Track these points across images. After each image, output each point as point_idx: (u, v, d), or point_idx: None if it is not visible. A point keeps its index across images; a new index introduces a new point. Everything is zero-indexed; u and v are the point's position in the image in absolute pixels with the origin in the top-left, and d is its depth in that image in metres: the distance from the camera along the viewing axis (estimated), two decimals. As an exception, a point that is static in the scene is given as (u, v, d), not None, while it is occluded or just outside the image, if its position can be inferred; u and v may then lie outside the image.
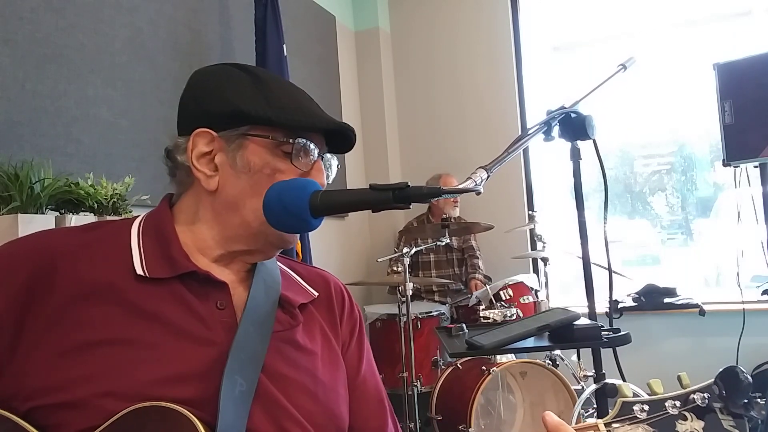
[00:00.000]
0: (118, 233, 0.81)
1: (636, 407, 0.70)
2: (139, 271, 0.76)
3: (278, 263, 0.91)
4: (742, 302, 2.97)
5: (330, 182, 0.88)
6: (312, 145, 0.81)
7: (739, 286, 2.91)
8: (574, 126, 1.14)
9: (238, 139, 0.79)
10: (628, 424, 0.69)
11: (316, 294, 0.91)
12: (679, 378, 0.72)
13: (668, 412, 0.69)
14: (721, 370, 0.70)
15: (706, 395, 0.69)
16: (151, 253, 0.78)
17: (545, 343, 1.23)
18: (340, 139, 0.86)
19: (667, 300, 3.57)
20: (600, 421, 0.70)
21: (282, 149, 0.80)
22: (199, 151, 0.80)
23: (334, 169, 0.89)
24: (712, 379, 0.70)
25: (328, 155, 0.87)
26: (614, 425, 0.69)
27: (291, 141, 0.79)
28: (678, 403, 0.70)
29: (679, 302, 3.53)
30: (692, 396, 0.70)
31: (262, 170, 0.79)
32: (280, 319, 0.83)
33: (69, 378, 0.68)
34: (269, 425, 0.74)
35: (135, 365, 0.70)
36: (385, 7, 4.41)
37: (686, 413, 0.69)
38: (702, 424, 0.69)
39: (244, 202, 0.79)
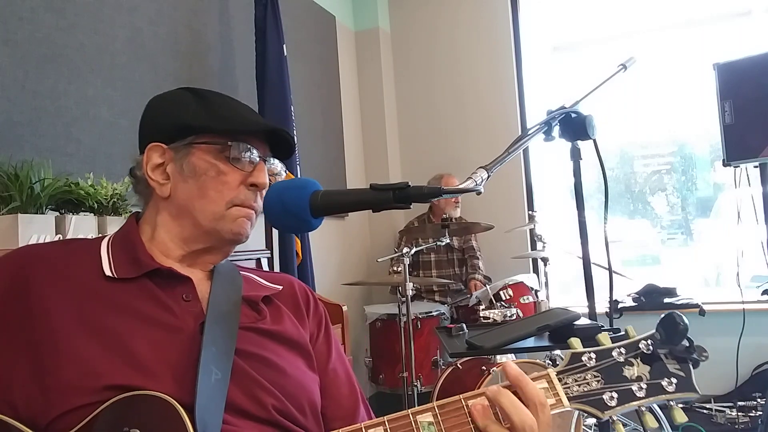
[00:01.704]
0: (89, 247, 0.88)
1: (584, 357, 0.74)
2: (108, 273, 0.83)
3: (241, 272, 0.97)
4: (742, 302, 2.96)
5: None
6: (252, 149, 0.89)
7: (739, 286, 2.90)
8: (574, 126, 1.14)
9: (185, 148, 0.88)
10: (578, 372, 0.73)
11: (280, 287, 0.97)
12: (626, 330, 0.76)
13: (615, 359, 0.73)
14: (661, 317, 0.73)
15: (650, 342, 0.73)
16: (118, 258, 0.86)
17: (545, 343, 1.23)
18: (283, 144, 0.94)
19: (667, 300, 3.56)
20: (551, 370, 0.74)
21: (224, 154, 0.88)
22: (153, 163, 0.89)
23: (283, 174, 0.97)
24: (654, 329, 0.74)
25: (275, 160, 0.94)
26: (564, 374, 0.73)
27: (230, 144, 0.88)
28: (624, 351, 0.74)
29: (679, 302, 3.53)
30: (638, 344, 0.74)
31: (206, 173, 0.87)
32: (246, 314, 0.88)
33: (52, 366, 0.74)
34: (244, 397, 0.79)
35: (111, 348, 0.75)
36: (385, 7, 4.42)
37: (632, 359, 0.73)
38: (648, 368, 0.73)
39: (193, 203, 0.87)
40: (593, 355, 0.73)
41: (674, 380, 0.72)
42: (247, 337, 0.84)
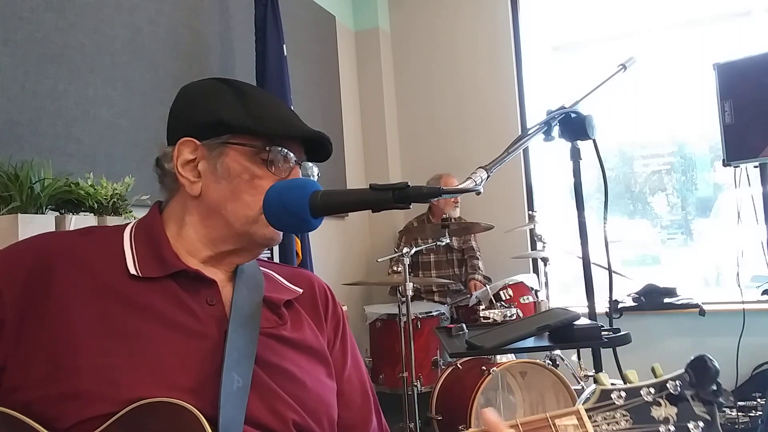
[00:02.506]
0: (111, 238, 0.85)
1: (614, 395, 0.73)
2: (132, 271, 0.80)
3: (261, 268, 0.94)
4: (742, 302, 2.97)
5: None
6: (289, 153, 0.86)
7: (739, 286, 2.91)
8: (574, 126, 1.14)
9: (220, 147, 0.84)
10: (607, 410, 0.72)
11: (301, 291, 0.95)
12: (653, 369, 0.75)
13: (643, 399, 0.73)
14: (691, 359, 0.73)
15: (678, 383, 0.73)
16: (143, 254, 0.82)
17: (545, 343, 1.23)
18: (318, 148, 0.91)
19: (667, 300, 3.57)
20: (580, 406, 0.72)
21: (260, 157, 0.84)
22: (184, 159, 0.85)
23: (315, 177, 0.94)
24: (683, 369, 0.74)
25: (309, 164, 0.92)
26: (594, 411, 0.72)
27: (268, 149, 0.84)
28: (653, 390, 0.73)
29: (679, 302, 3.53)
30: (666, 384, 0.73)
31: (240, 176, 0.84)
32: (267, 317, 0.86)
33: (70, 368, 0.71)
34: (265, 410, 0.78)
35: (133, 356, 0.74)
36: (385, 7, 4.41)
37: (660, 400, 0.73)
38: (675, 410, 0.72)
39: (225, 205, 0.84)
40: (623, 394, 0.72)
41: (701, 423, 0.71)
42: (267, 344, 0.83)
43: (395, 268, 3.58)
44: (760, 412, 2.92)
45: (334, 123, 3.93)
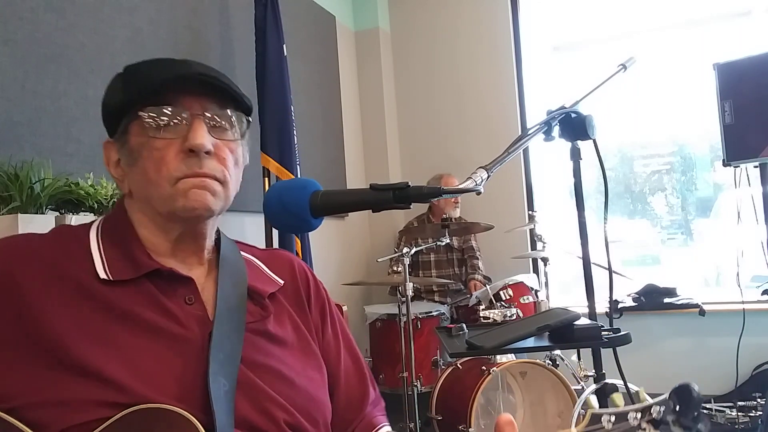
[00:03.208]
0: (79, 239, 0.80)
1: (604, 418, 0.75)
2: (102, 275, 0.76)
3: (242, 253, 0.92)
4: (742, 302, 2.97)
5: (239, 138, 0.84)
6: (174, 110, 0.77)
7: (739, 286, 2.91)
8: (574, 126, 1.13)
9: (122, 136, 0.81)
10: None
11: (282, 282, 0.93)
12: (636, 393, 0.77)
13: (629, 424, 0.74)
14: (675, 386, 0.75)
15: (661, 408, 0.75)
16: (112, 256, 0.78)
17: (545, 343, 1.23)
18: (226, 93, 0.81)
19: (667, 300, 3.57)
20: (574, 429, 0.74)
21: (152, 127, 0.77)
22: (113, 161, 0.84)
23: (231, 122, 0.82)
24: (667, 394, 0.75)
25: (228, 112, 0.81)
26: None
27: (148, 114, 0.77)
28: (638, 415, 0.75)
29: (679, 302, 3.53)
30: (650, 409, 0.75)
31: (142, 156, 0.78)
32: (251, 310, 0.85)
33: (53, 376, 0.69)
34: (252, 409, 0.76)
35: (117, 363, 0.71)
36: (385, 7, 4.42)
37: (644, 424, 0.74)
38: None
39: (145, 192, 0.80)
40: (612, 418, 0.74)
41: None
42: (253, 342, 0.81)
43: (395, 268, 3.58)
44: (760, 412, 2.93)
45: (334, 123, 3.93)
